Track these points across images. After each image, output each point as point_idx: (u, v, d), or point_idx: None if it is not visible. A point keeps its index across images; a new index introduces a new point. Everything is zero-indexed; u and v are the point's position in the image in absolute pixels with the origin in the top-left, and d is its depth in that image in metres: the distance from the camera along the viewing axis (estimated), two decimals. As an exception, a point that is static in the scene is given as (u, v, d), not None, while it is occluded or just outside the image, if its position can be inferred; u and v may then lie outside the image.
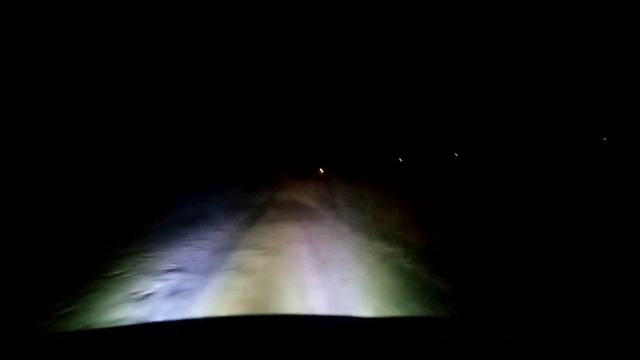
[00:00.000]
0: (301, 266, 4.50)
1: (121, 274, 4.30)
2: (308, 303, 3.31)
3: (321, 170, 25.10)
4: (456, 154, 27.15)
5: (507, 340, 1.08)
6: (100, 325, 2.86)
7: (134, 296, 3.59)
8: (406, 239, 5.59)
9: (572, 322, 2.35)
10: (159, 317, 3.04)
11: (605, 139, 18.85)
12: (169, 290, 3.74)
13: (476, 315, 2.67)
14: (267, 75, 29.00)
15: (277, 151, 27.90)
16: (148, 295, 3.62)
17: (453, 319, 2.37)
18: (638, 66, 19.11)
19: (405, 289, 3.59)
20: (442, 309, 2.97)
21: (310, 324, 1.37)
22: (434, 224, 5.50)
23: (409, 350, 0.94)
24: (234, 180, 19.34)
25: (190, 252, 5.49)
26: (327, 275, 4.07)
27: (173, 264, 4.79)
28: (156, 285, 3.93)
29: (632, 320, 2.23)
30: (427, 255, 4.57)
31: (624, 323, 2.22)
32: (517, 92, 24.88)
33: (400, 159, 28.79)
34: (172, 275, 4.23)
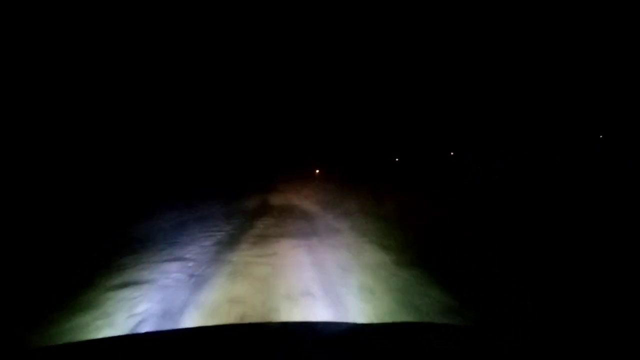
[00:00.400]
0: None
1: None
2: None
3: (317, 170, 23.58)
4: (452, 153, 27.22)
5: (507, 340, 1.01)
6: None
7: None
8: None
9: (572, 322, 2.26)
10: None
11: (601, 136, 19.20)
12: None
13: (476, 315, 2.48)
14: (262, 76, 28.11)
15: (268, 150, 26.63)
16: None
17: (451, 325, 2.01)
18: (637, 66, 19.25)
19: None
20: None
21: (307, 331, 1.25)
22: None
23: (406, 356, 0.92)
24: (221, 183, 17.62)
25: (83, 328, 2.52)
26: None
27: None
28: None
29: (632, 320, 2.24)
30: None
31: (624, 323, 2.21)
32: (517, 93, 25.35)
33: (397, 159, 28.36)
34: None
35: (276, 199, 12.04)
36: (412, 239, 5.13)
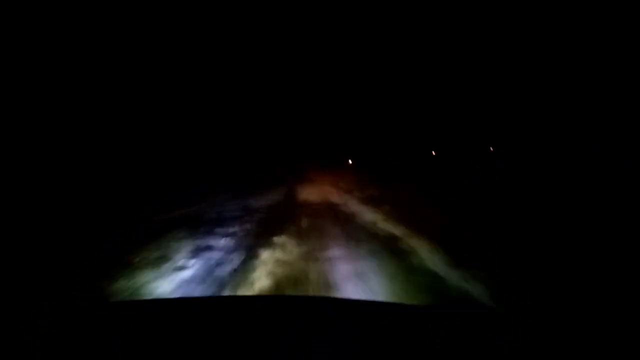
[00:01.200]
0: None
1: None
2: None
3: (349, 160, 22.39)
4: (491, 149, 25.58)
5: (507, 340, 0.95)
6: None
7: None
8: None
9: (573, 322, 2.05)
10: None
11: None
12: None
13: (476, 315, 1.97)
14: (289, 71, 29.02)
15: (298, 141, 26.66)
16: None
17: (461, 308, 2.13)
18: (638, 66, 19.28)
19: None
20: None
21: (321, 305, 1.29)
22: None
23: (414, 338, 0.93)
24: (236, 170, 16.42)
25: None
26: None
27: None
28: None
29: (633, 320, 2.26)
30: None
31: (624, 323, 2.23)
32: (517, 92, 24.89)
33: (434, 152, 27.46)
34: None
35: (307, 193, 9.15)
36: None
